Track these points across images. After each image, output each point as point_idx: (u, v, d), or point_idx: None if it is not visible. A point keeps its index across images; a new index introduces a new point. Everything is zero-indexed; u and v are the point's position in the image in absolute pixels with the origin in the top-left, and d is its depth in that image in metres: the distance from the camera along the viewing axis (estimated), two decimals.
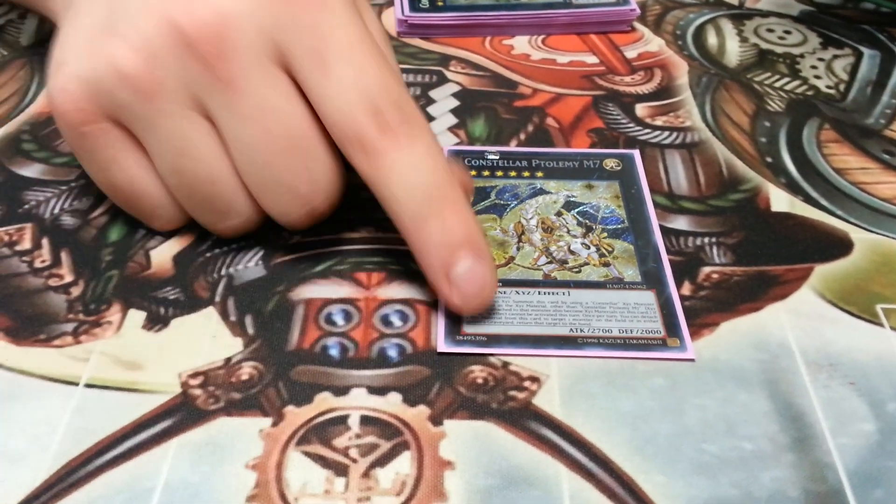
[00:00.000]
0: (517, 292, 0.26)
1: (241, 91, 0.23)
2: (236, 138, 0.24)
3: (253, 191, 0.25)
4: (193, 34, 0.23)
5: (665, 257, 0.27)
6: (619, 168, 0.31)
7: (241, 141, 0.24)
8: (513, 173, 0.30)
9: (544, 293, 0.26)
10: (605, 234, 0.28)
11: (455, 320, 0.25)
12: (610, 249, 0.27)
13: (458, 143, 0.32)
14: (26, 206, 0.29)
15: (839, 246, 0.28)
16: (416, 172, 0.23)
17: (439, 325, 0.25)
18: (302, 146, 0.24)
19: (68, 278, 0.26)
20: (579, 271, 0.26)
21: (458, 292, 0.23)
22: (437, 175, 0.23)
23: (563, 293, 0.26)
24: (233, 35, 0.23)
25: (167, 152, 0.24)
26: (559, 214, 0.29)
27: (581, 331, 0.24)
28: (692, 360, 0.24)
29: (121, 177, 0.26)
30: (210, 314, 0.25)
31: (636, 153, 0.32)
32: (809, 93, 0.35)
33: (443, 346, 0.24)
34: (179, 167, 0.24)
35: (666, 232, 0.28)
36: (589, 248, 0.27)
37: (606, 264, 0.27)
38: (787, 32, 0.40)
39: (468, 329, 0.24)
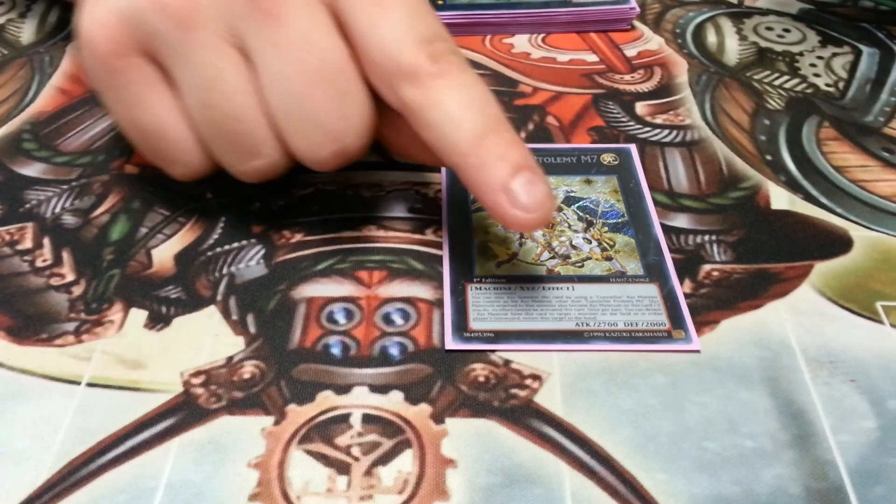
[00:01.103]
0: (522, 288, 0.26)
1: (281, 21, 0.23)
2: (271, 69, 0.23)
3: (282, 128, 0.24)
4: None
5: (666, 250, 0.27)
6: (616, 163, 0.31)
7: (275, 72, 0.23)
8: None
9: (549, 288, 0.26)
10: (606, 229, 0.28)
11: (462, 317, 0.25)
12: (611, 244, 0.27)
13: None
14: (27, 206, 0.29)
15: (839, 243, 0.28)
16: (470, 93, 0.23)
17: (446, 322, 0.25)
18: (337, 80, 0.24)
19: (70, 277, 0.26)
20: (582, 266, 0.27)
21: (520, 204, 0.23)
22: (489, 100, 0.24)
23: (568, 288, 0.26)
24: None
25: (198, 85, 0.24)
26: (559, 210, 0.29)
27: (587, 325, 0.25)
28: (697, 351, 0.24)
29: (148, 116, 0.25)
30: (212, 313, 0.25)
31: (633, 147, 0.32)
32: (809, 91, 0.35)
33: (450, 343, 0.24)
34: (209, 101, 0.24)
35: (666, 230, 0.28)
36: (590, 242, 0.27)
37: (608, 258, 0.27)
38: (787, 31, 0.40)
39: (475, 326, 0.25)
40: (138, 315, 0.25)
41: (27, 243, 0.28)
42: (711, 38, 0.39)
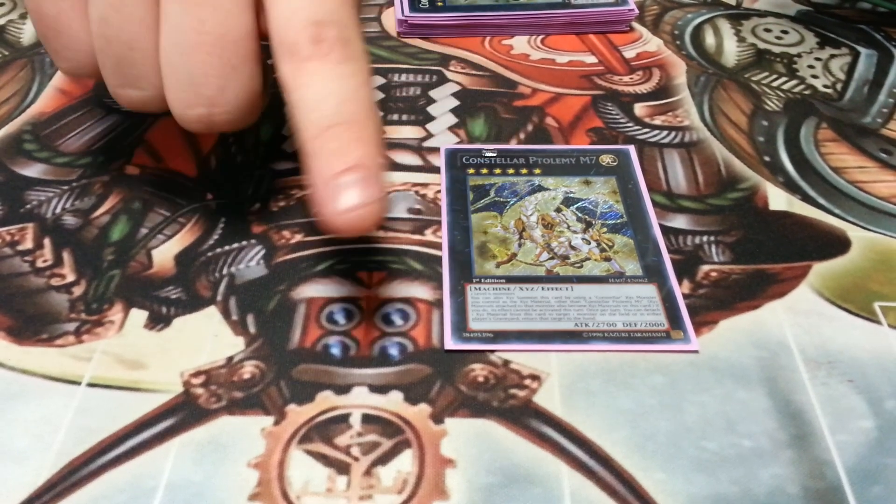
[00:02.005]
0: (521, 288, 0.26)
1: None
2: (171, 15, 0.23)
3: (164, 71, 0.24)
4: None
5: (665, 251, 0.27)
6: (615, 164, 0.31)
7: (174, 19, 0.23)
8: (511, 171, 0.31)
9: (548, 289, 0.26)
10: (605, 230, 0.28)
11: (461, 317, 0.25)
12: (610, 244, 0.27)
13: (457, 143, 0.32)
14: (28, 206, 0.29)
15: (837, 244, 0.28)
16: (334, 85, 0.22)
17: (446, 322, 0.25)
18: (227, 51, 0.23)
19: (70, 278, 0.26)
20: (581, 266, 0.27)
21: (339, 202, 0.22)
22: (356, 95, 0.23)
23: (567, 288, 0.26)
24: None
25: (102, 2, 0.24)
26: (559, 210, 0.29)
27: (586, 325, 0.25)
28: (696, 351, 0.24)
29: (50, 5, 0.25)
30: (212, 313, 0.25)
31: (631, 149, 0.32)
32: (807, 92, 0.35)
33: (450, 343, 0.24)
34: (109, 19, 0.24)
35: (665, 231, 0.28)
36: (589, 243, 0.27)
37: (607, 259, 0.27)
38: (785, 32, 0.40)
39: (475, 326, 0.25)
40: (138, 315, 0.25)
41: (28, 244, 0.28)
42: (710, 39, 0.39)
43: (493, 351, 0.24)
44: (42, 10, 0.25)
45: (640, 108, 0.34)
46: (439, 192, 0.30)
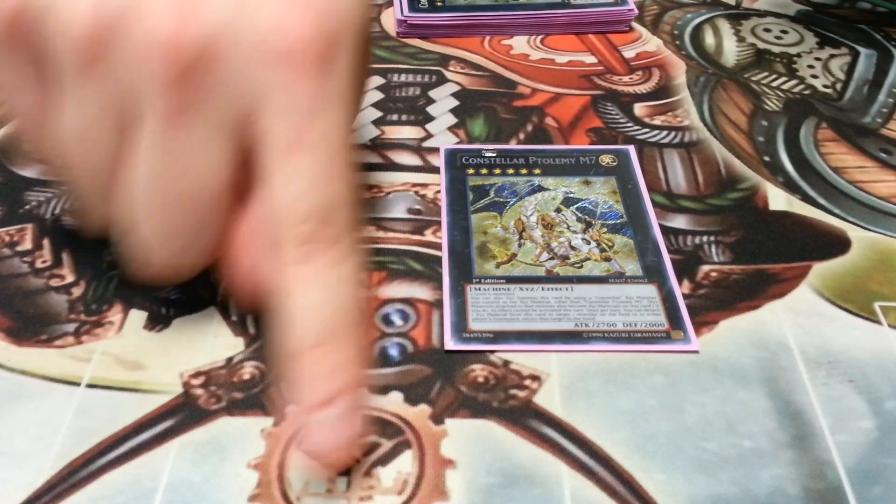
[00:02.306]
0: (521, 289, 0.26)
1: (183, 131, 0.20)
2: (144, 160, 0.21)
3: (123, 218, 0.22)
4: (172, 35, 0.20)
5: (665, 251, 0.27)
6: (615, 164, 0.31)
7: (147, 165, 0.21)
8: (511, 171, 0.31)
9: (548, 289, 0.26)
10: (605, 230, 0.28)
11: (461, 317, 0.25)
12: (610, 244, 0.27)
13: (457, 143, 0.32)
14: (27, 207, 0.29)
15: (837, 244, 0.28)
16: (320, 297, 0.20)
17: (446, 322, 0.25)
18: (196, 215, 0.21)
19: (69, 279, 0.26)
20: (581, 266, 0.27)
21: (310, 442, 0.20)
22: (345, 306, 0.21)
23: (567, 288, 0.26)
24: (211, 63, 0.20)
25: (69, 120, 0.21)
26: (558, 211, 0.29)
27: (586, 325, 0.25)
28: (696, 351, 0.24)
29: (10, 100, 0.22)
30: (212, 314, 0.25)
31: (631, 149, 0.32)
32: (806, 92, 0.35)
33: (450, 343, 0.24)
34: (69, 140, 0.22)
35: (665, 231, 0.28)
36: (589, 243, 0.27)
37: (607, 259, 0.27)
38: (784, 32, 0.40)
39: (475, 326, 0.25)
40: (138, 316, 0.25)
41: (27, 244, 0.28)
42: (709, 39, 0.39)
43: (493, 351, 0.24)
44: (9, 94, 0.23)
45: (639, 108, 0.34)
46: (439, 192, 0.30)
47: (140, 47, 0.20)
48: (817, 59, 0.38)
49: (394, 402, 0.23)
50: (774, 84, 0.36)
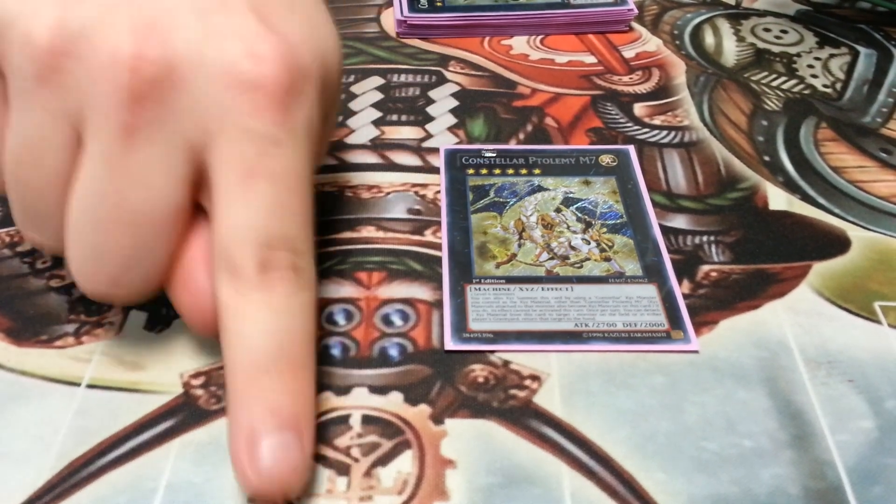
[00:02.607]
0: (521, 289, 0.26)
1: (132, 145, 0.20)
2: (90, 179, 0.21)
3: (67, 234, 0.21)
4: (131, 57, 0.20)
5: (665, 251, 0.27)
6: (615, 164, 0.31)
7: (91, 185, 0.21)
8: (510, 171, 0.31)
9: (548, 289, 0.26)
10: (605, 230, 0.28)
11: (461, 317, 0.25)
12: (610, 244, 0.27)
13: (457, 143, 0.32)
14: None
15: (837, 244, 0.28)
16: (275, 321, 0.20)
17: (446, 322, 0.25)
18: (145, 234, 0.21)
19: (69, 279, 0.26)
20: (581, 266, 0.27)
21: (256, 467, 0.19)
22: (298, 336, 0.20)
23: (567, 289, 0.26)
24: (170, 86, 0.20)
25: (20, 138, 0.21)
26: (558, 211, 0.29)
27: (586, 325, 0.25)
28: (696, 351, 0.24)
29: None
30: None
31: (631, 149, 0.32)
32: (806, 92, 0.35)
33: (450, 343, 0.24)
34: (20, 159, 0.22)
35: (665, 230, 0.28)
36: (589, 243, 0.27)
37: (607, 259, 0.27)
38: (784, 32, 0.40)
39: (474, 326, 0.25)
40: (138, 316, 0.25)
41: (27, 245, 0.28)
42: (709, 39, 0.39)
43: (493, 351, 0.24)
44: None
45: (639, 108, 0.34)
46: (439, 192, 0.30)
47: (98, 65, 0.20)
48: (817, 58, 0.38)
49: (394, 403, 0.23)
50: (774, 84, 0.36)
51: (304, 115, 0.21)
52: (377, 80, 0.36)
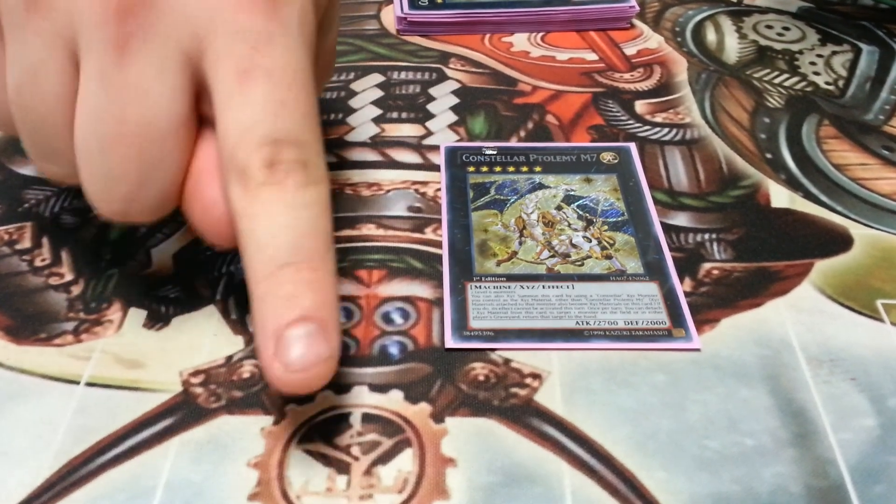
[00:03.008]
0: (522, 287, 0.26)
1: (126, 58, 0.20)
2: (90, 99, 0.21)
3: (78, 157, 0.21)
4: None
5: (666, 249, 0.27)
6: (616, 161, 0.31)
7: (93, 104, 0.21)
8: (511, 168, 0.31)
9: (549, 287, 0.26)
10: (606, 227, 0.28)
11: (462, 315, 0.25)
12: (611, 242, 0.27)
13: (457, 140, 0.32)
14: (26, 205, 0.29)
15: (839, 241, 0.28)
16: (290, 217, 0.20)
17: (446, 320, 0.25)
18: (151, 147, 0.21)
19: (69, 277, 0.26)
20: (582, 264, 0.27)
21: (285, 358, 0.19)
22: (314, 229, 0.20)
23: (568, 286, 0.26)
24: (158, 3, 0.20)
25: (18, 67, 0.21)
26: (559, 208, 0.29)
27: (587, 323, 0.24)
28: (698, 349, 0.24)
29: None
30: (211, 312, 0.25)
31: (632, 146, 0.32)
32: (808, 89, 0.35)
33: (450, 341, 0.24)
34: (22, 88, 0.22)
35: (666, 228, 0.28)
36: (590, 241, 0.27)
37: (608, 257, 0.27)
38: (786, 29, 0.40)
39: (475, 324, 0.25)
40: (137, 314, 0.25)
41: (26, 243, 0.28)
42: (711, 36, 0.39)
43: (493, 349, 0.24)
44: None
45: (641, 106, 0.34)
46: (439, 190, 0.30)
47: None
48: (819, 55, 0.38)
49: (394, 401, 0.23)
50: (776, 81, 0.36)
51: (296, 9, 0.21)
52: (377, 78, 0.36)
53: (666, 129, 0.33)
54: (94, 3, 0.20)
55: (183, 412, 0.22)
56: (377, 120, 0.33)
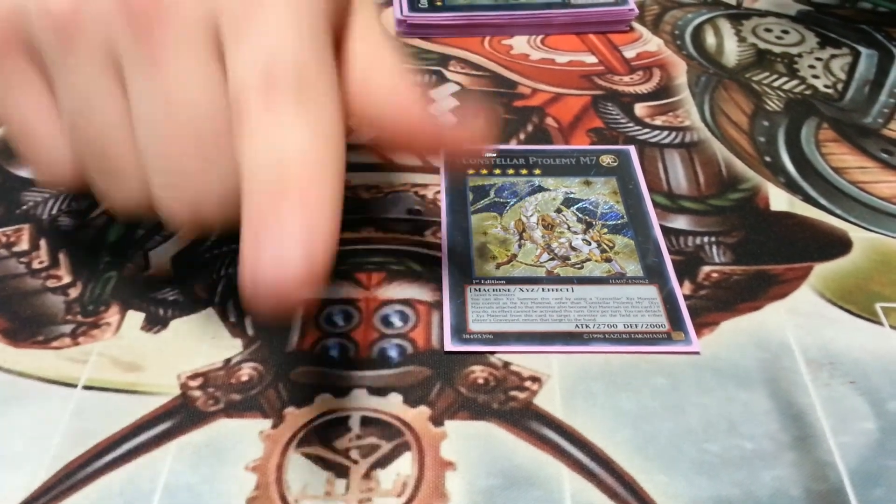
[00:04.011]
0: (521, 289, 0.26)
1: (162, 67, 0.20)
2: (140, 107, 0.21)
3: (146, 170, 0.21)
4: None
5: (666, 252, 0.27)
6: (615, 164, 0.31)
7: (144, 111, 0.21)
8: (511, 171, 0.30)
9: (548, 290, 0.26)
10: (606, 230, 0.28)
11: (461, 318, 0.25)
12: (611, 245, 0.27)
13: None
14: (24, 207, 0.29)
15: (838, 245, 0.28)
16: (284, 138, 0.18)
17: (446, 323, 0.25)
18: (205, 143, 0.20)
19: (66, 279, 0.26)
20: (581, 267, 0.26)
21: (260, 259, 0.18)
22: (314, 150, 0.18)
23: (567, 289, 0.26)
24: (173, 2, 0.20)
25: (71, 101, 0.22)
26: (559, 211, 0.29)
27: (586, 326, 0.24)
28: (697, 352, 0.24)
29: (20, 115, 0.23)
30: (209, 315, 0.25)
31: (632, 149, 0.32)
32: (807, 92, 0.35)
33: (450, 344, 0.24)
34: (78, 121, 0.22)
35: (666, 231, 0.28)
36: (590, 244, 0.27)
37: (608, 260, 0.27)
38: (785, 32, 0.40)
39: (475, 327, 0.24)
40: (135, 317, 0.25)
41: (24, 245, 0.28)
42: (710, 39, 0.39)
43: (493, 352, 0.24)
44: (13, 118, 0.23)
45: (640, 109, 0.34)
46: (439, 192, 0.30)
47: (103, 5, 0.20)
48: (818, 59, 0.38)
49: (393, 404, 0.23)
50: (775, 84, 0.36)
51: None
52: None
53: (665, 132, 0.33)
54: (120, 16, 0.20)
55: (181, 415, 0.22)
56: None
